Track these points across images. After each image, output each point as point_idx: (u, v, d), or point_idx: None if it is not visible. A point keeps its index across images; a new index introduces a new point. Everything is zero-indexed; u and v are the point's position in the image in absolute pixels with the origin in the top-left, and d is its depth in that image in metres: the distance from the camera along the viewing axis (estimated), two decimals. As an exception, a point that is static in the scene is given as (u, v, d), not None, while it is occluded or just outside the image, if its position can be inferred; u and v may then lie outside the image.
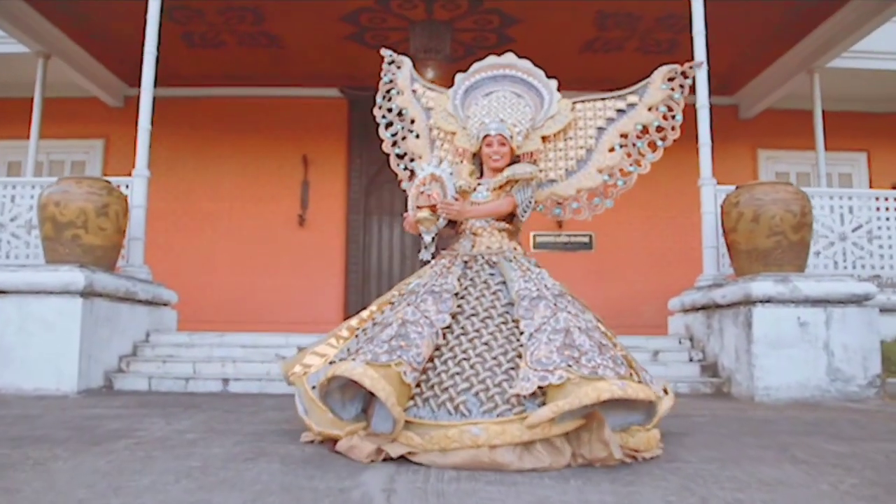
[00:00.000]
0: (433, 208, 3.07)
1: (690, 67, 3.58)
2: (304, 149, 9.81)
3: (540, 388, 2.45)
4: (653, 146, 3.50)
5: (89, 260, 5.33)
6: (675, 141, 3.62)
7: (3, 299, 4.90)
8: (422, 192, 3.12)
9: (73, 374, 4.81)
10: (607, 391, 2.34)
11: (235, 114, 9.88)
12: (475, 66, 3.70)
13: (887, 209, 6.55)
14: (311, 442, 2.86)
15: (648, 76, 3.69)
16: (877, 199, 6.59)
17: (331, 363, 2.85)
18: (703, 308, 5.77)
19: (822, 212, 6.23)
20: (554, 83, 3.61)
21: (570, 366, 2.47)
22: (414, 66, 4.14)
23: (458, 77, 3.72)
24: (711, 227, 5.94)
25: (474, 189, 3.28)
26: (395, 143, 3.82)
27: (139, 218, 6.05)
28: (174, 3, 7.51)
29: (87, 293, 4.96)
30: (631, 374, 2.58)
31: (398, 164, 3.81)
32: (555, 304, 2.79)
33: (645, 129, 3.48)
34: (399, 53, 9.12)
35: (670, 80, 3.56)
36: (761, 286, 4.88)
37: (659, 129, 3.52)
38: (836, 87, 9.36)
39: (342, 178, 9.90)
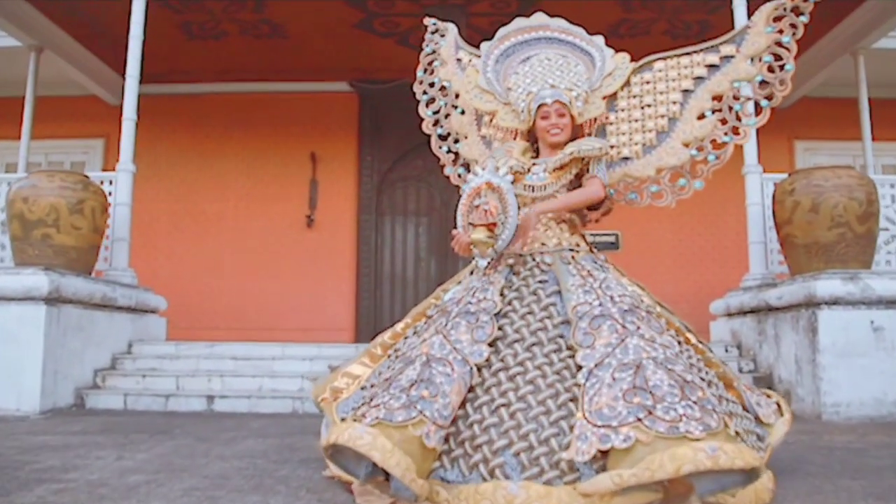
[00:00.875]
0: (491, 227, 2.34)
1: (805, 0, 2.68)
2: (312, 146, 9.28)
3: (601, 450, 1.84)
4: (756, 108, 2.72)
5: (61, 262, 4.77)
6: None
7: (-41, 307, 4.34)
8: (476, 206, 2.39)
9: (35, 393, 4.24)
10: (690, 462, 1.70)
11: (239, 110, 9.39)
12: (501, 31, 3.02)
13: (956, 199, 5.82)
14: (332, 478, 2.33)
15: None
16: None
17: (362, 388, 2.32)
18: (753, 311, 5.10)
19: (884, 202, 5.52)
20: (600, 39, 2.91)
21: (640, 419, 1.83)
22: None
23: (484, 46, 3.03)
24: (758, 221, 5.31)
25: (528, 170, 2.60)
26: (436, 123, 3.19)
27: (124, 216, 5.52)
28: (169, -10, 7.06)
29: (53, 299, 4.38)
30: (726, 424, 1.89)
31: (440, 147, 3.17)
32: (623, 326, 2.12)
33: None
34: (410, 41, 8.61)
35: (776, 20, 2.70)
36: (827, 285, 4.20)
37: (763, 85, 2.70)
38: (879, 72, 8.63)
39: (353, 176, 9.37)
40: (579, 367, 2.06)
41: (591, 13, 7.72)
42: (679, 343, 2.26)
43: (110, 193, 5.53)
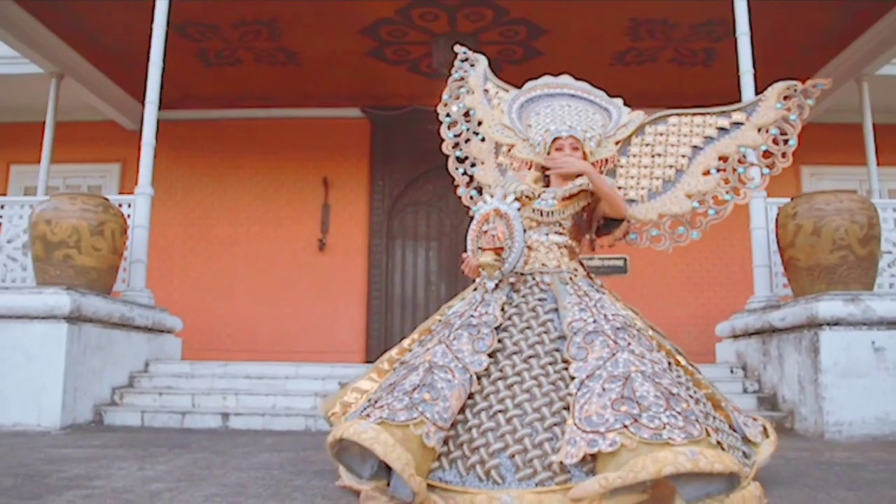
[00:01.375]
0: (498, 251, 2.53)
1: (814, 86, 2.98)
2: (324, 171, 9.47)
3: (589, 454, 1.97)
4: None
5: (82, 282, 4.91)
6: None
7: (-16, 325, 4.48)
8: (485, 232, 2.59)
9: (56, 409, 4.36)
10: (671, 464, 1.83)
11: (254, 135, 9.60)
12: (529, 84, 3.26)
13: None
14: (345, 488, 2.41)
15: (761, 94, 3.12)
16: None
17: (369, 401, 2.38)
18: (758, 333, 5.19)
19: (886, 225, 5.61)
20: (619, 100, 3.17)
21: (626, 426, 1.96)
22: (489, 64, 3.64)
23: (511, 93, 3.29)
24: (762, 244, 5.41)
25: (538, 196, 2.78)
26: (456, 145, 3.41)
27: (141, 238, 5.66)
28: (187, 19, 7.25)
29: (74, 318, 4.52)
30: (708, 433, 2.02)
31: (457, 168, 3.39)
32: (614, 342, 2.28)
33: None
34: (421, 68, 8.76)
35: (787, 98, 2.97)
36: (829, 306, 4.30)
37: (766, 154, 2.94)
38: (884, 98, 8.74)
39: (364, 200, 9.52)
40: (573, 378, 2.19)
41: (599, 42, 7.93)
42: (669, 364, 2.40)
43: (129, 216, 5.67)
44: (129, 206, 5.78)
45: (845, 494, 2.43)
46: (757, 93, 5.62)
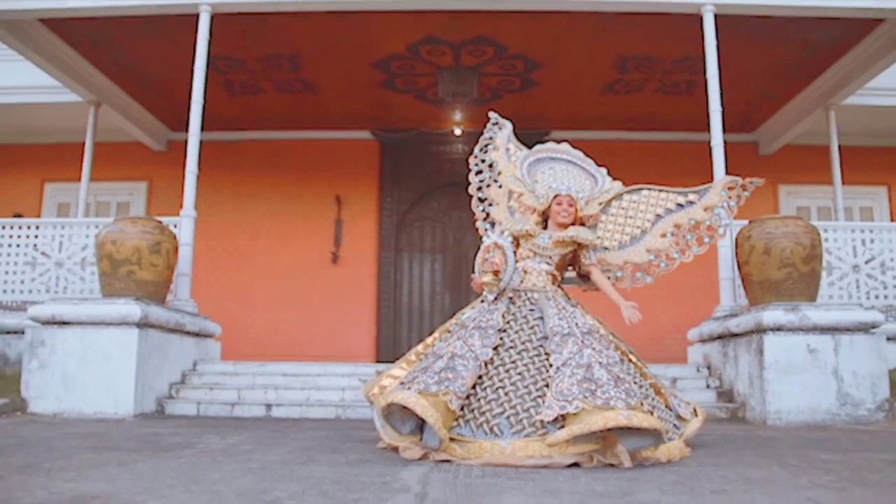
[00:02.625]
0: (496, 273, 3.50)
1: (751, 183, 3.95)
2: (337, 189, 10.28)
3: (561, 415, 2.86)
4: (700, 241, 3.91)
5: (142, 294, 5.75)
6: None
7: (67, 330, 5.34)
8: (486, 259, 3.54)
9: (130, 400, 5.21)
10: (613, 420, 2.74)
11: (273, 156, 10.39)
12: (537, 147, 4.25)
13: (901, 241, 6.73)
14: (385, 448, 3.31)
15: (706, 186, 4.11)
16: (890, 231, 6.80)
17: (401, 383, 3.26)
18: (720, 337, 6.04)
19: (836, 244, 6.48)
20: (604, 169, 4.14)
21: (586, 397, 2.87)
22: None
23: (523, 152, 4.26)
24: (728, 260, 6.24)
25: (538, 235, 3.75)
26: (479, 188, 4.38)
27: (186, 255, 6.48)
28: (217, 54, 8.03)
29: (143, 324, 5.37)
30: (642, 405, 2.93)
31: (478, 206, 4.35)
32: (582, 341, 3.20)
33: (697, 225, 3.90)
34: (427, 96, 9.57)
35: (730, 188, 3.95)
36: (772, 315, 5.15)
37: (709, 228, 3.93)
38: (854, 123, 9.57)
39: (374, 216, 10.31)
40: (552, 366, 3.13)
41: (590, 74, 8.79)
42: (621, 359, 3.34)
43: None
44: (175, 226, 6.58)
45: (751, 451, 3.33)
46: (725, 123, 6.51)
